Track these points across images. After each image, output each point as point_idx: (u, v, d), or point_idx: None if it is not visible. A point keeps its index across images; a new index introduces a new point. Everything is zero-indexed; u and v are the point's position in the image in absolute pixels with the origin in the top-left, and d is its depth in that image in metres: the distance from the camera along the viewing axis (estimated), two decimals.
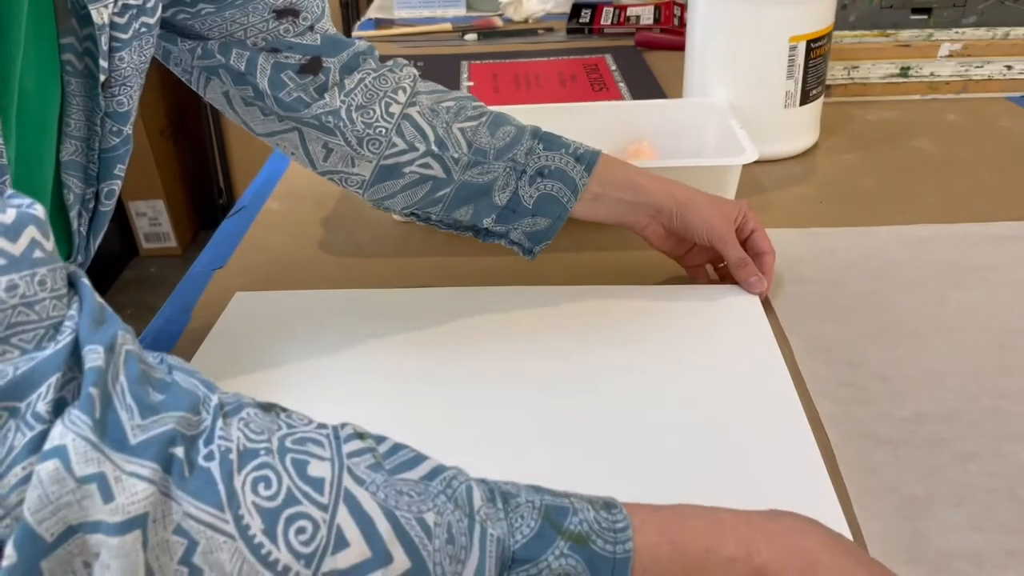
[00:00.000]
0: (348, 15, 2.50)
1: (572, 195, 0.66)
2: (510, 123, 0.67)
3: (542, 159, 0.66)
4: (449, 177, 0.66)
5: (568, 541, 0.36)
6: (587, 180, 0.66)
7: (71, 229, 0.52)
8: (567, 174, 0.66)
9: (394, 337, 0.67)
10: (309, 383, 0.62)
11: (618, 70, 1.24)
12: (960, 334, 0.65)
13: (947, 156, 0.94)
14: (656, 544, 0.37)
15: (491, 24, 1.48)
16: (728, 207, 0.69)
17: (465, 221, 0.68)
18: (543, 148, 0.66)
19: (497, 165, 0.66)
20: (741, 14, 0.89)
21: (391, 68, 0.67)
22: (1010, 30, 1.06)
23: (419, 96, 0.67)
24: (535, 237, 0.68)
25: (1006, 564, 0.47)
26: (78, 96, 0.48)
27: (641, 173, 0.68)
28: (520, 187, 0.66)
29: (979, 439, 0.55)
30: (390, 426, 0.58)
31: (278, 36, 0.62)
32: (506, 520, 0.36)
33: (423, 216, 0.69)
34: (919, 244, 0.76)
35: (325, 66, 0.63)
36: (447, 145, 0.65)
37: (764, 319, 0.66)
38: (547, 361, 0.63)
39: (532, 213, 0.66)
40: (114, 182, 0.53)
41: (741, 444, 0.55)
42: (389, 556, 0.34)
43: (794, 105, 0.92)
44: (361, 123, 0.64)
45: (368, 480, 0.35)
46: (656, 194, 0.67)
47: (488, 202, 0.66)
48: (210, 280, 0.77)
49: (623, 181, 0.67)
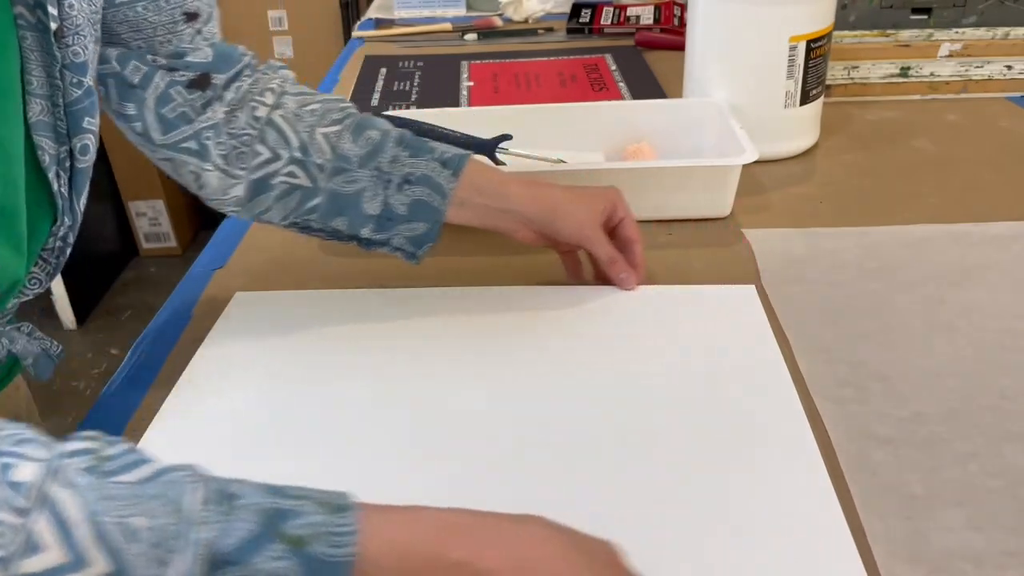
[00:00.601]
0: (348, 15, 2.49)
1: (442, 199, 0.65)
2: (375, 127, 0.66)
3: (407, 166, 0.65)
4: (316, 185, 0.65)
5: (285, 544, 0.36)
6: (455, 185, 0.65)
7: (52, 191, 0.52)
8: (434, 180, 0.65)
9: (394, 337, 0.67)
10: (309, 383, 0.62)
11: (618, 70, 1.24)
12: (960, 334, 0.65)
13: (947, 156, 0.94)
14: (381, 549, 0.38)
15: (491, 24, 1.48)
16: (597, 201, 0.69)
17: (344, 231, 0.67)
18: (408, 155, 0.65)
19: (362, 174, 0.65)
20: (741, 14, 0.89)
21: (264, 71, 0.67)
22: (1010, 30, 1.06)
23: (285, 99, 0.66)
24: (416, 241, 0.67)
25: (1006, 564, 0.47)
26: (35, 51, 0.49)
27: (509, 179, 0.68)
28: (389, 196, 0.65)
29: (979, 439, 0.55)
30: (390, 426, 0.58)
31: (180, 41, 0.62)
32: (224, 522, 0.36)
33: (304, 226, 0.68)
34: (919, 244, 0.76)
35: (213, 82, 0.63)
36: (310, 151, 0.65)
37: (764, 319, 0.66)
38: (547, 361, 0.63)
39: (408, 219, 0.66)
40: (86, 136, 0.53)
41: (741, 444, 0.55)
42: (86, 560, 0.34)
43: (794, 105, 0.92)
44: (226, 134, 0.64)
45: (78, 483, 0.36)
46: (522, 201, 0.66)
47: (360, 212, 0.65)
48: (210, 280, 0.77)
49: (489, 187, 0.66)
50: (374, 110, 1.11)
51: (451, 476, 0.53)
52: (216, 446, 0.57)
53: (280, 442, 0.57)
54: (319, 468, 0.54)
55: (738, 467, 0.53)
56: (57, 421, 2.03)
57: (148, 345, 0.69)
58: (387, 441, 0.56)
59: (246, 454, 0.56)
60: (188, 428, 0.58)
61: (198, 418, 0.59)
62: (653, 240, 0.79)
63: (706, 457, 0.54)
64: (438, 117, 0.88)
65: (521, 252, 0.78)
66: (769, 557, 0.47)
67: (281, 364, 0.64)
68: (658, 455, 0.54)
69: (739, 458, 0.54)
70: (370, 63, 1.33)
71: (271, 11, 2.53)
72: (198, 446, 0.57)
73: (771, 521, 0.49)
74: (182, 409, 0.60)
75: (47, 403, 2.12)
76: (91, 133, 0.54)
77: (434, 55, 1.36)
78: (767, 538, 0.48)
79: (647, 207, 0.81)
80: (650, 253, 0.76)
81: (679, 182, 0.80)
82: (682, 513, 0.50)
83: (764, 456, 0.54)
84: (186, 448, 0.57)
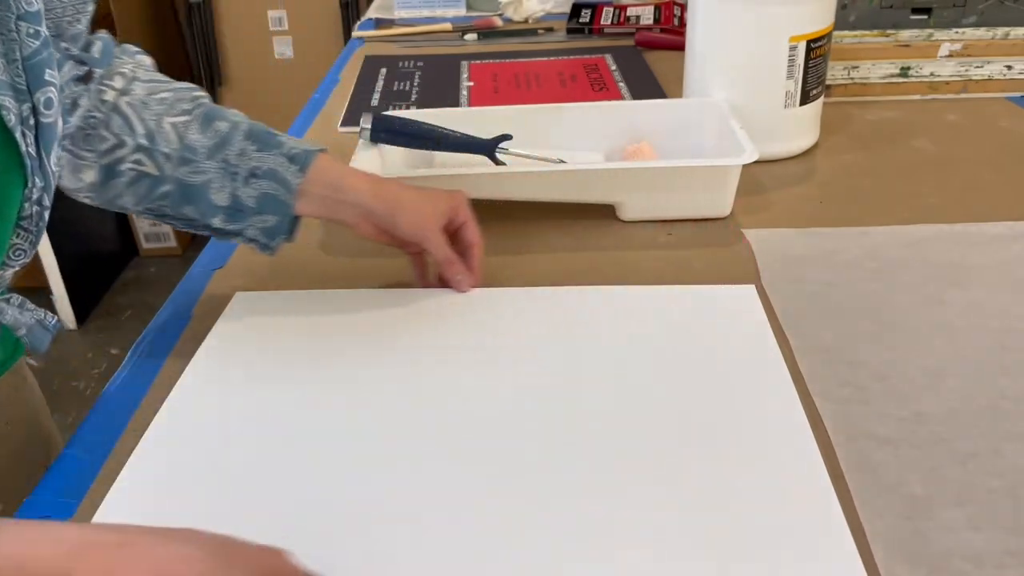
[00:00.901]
0: (348, 15, 2.50)
1: (288, 194, 0.65)
2: (225, 119, 0.66)
3: (254, 160, 0.65)
4: (163, 174, 0.65)
5: None
6: (301, 180, 0.65)
7: (20, 152, 0.52)
8: (280, 174, 0.65)
9: (394, 337, 0.67)
10: (309, 383, 0.62)
11: (618, 70, 1.24)
12: (960, 334, 0.65)
13: (947, 156, 0.94)
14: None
15: (491, 24, 1.48)
16: (439, 203, 0.69)
17: (197, 219, 0.67)
18: (256, 149, 0.65)
19: (209, 165, 0.65)
20: (741, 14, 0.89)
21: (118, 54, 0.66)
22: (1010, 30, 1.06)
23: (135, 85, 0.66)
24: (269, 233, 0.67)
25: (1006, 564, 0.47)
26: None
27: (355, 175, 0.68)
28: (236, 188, 0.65)
29: (979, 439, 0.55)
30: (390, 425, 0.58)
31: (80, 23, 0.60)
32: None
33: (159, 213, 0.68)
34: (919, 244, 0.76)
35: (94, 77, 0.63)
36: (156, 139, 0.64)
37: (764, 319, 0.66)
38: (547, 361, 0.63)
39: (257, 211, 0.66)
40: (48, 89, 0.53)
41: (741, 444, 0.55)
42: None
43: (794, 105, 0.92)
44: (77, 117, 0.63)
45: None
46: (363, 194, 0.67)
47: (208, 203, 0.66)
48: (210, 280, 0.77)
49: (334, 182, 0.67)
50: (374, 110, 1.11)
51: (451, 475, 0.53)
52: (216, 446, 0.57)
53: (280, 442, 0.57)
54: (319, 468, 0.54)
55: (738, 467, 0.53)
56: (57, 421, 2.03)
57: (148, 345, 0.69)
58: (387, 441, 0.56)
59: (246, 454, 0.56)
60: (188, 428, 0.58)
61: (198, 418, 0.59)
62: (653, 240, 0.79)
63: (706, 457, 0.54)
64: (438, 117, 0.88)
65: (521, 252, 0.78)
66: (769, 557, 0.47)
67: (281, 364, 0.64)
68: (658, 455, 0.54)
69: (739, 458, 0.54)
70: (370, 63, 1.33)
71: (271, 11, 2.53)
72: (198, 446, 0.57)
73: (771, 521, 0.49)
74: (182, 409, 0.60)
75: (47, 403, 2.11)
76: (52, 86, 0.53)
77: (434, 55, 1.36)
78: (767, 538, 0.48)
79: (647, 207, 0.81)
80: (650, 253, 0.76)
81: (679, 182, 0.80)
82: (682, 513, 0.50)
83: (764, 456, 0.54)
84: (186, 448, 0.57)
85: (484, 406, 0.59)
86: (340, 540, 0.49)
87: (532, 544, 0.48)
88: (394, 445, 0.56)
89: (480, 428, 0.57)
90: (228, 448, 0.56)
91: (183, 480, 0.54)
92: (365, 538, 0.49)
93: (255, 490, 0.53)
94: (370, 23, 1.56)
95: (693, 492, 0.51)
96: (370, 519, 0.50)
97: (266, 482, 0.53)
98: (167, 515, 0.52)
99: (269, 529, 0.50)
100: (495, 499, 0.52)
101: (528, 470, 0.54)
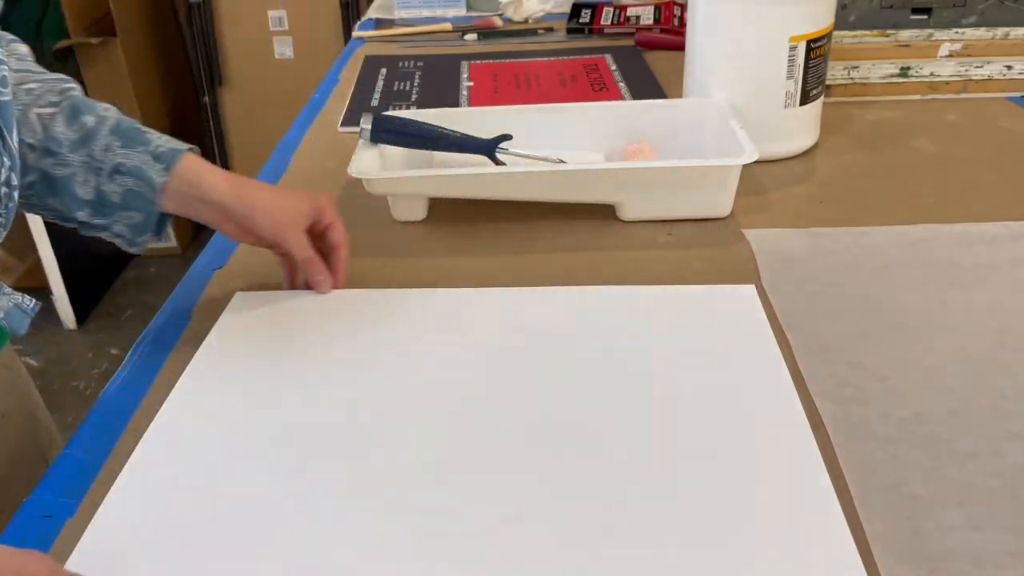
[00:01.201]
0: (348, 15, 2.49)
1: (152, 192, 0.65)
2: (93, 113, 0.66)
3: (119, 156, 0.65)
4: (27, 164, 0.64)
5: None
6: (166, 179, 0.65)
7: None
8: (144, 172, 0.65)
9: (394, 337, 0.67)
10: (309, 383, 0.62)
11: (618, 70, 1.24)
12: (960, 334, 0.65)
13: (947, 156, 0.94)
14: None
15: (491, 24, 1.48)
16: (301, 204, 0.70)
17: (63, 212, 0.67)
18: (120, 145, 0.65)
19: (73, 159, 0.64)
20: (741, 14, 0.89)
21: None
22: (1010, 30, 1.06)
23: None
24: (136, 230, 0.67)
25: (1006, 564, 0.47)
26: None
27: (219, 175, 0.68)
28: (101, 183, 0.65)
29: (978, 438, 0.55)
30: (390, 425, 0.58)
31: None
32: None
33: (27, 204, 0.67)
34: (919, 244, 0.76)
35: None
36: (21, 130, 0.63)
37: (764, 319, 0.66)
38: (546, 361, 0.63)
39: (123, 208, 0.66)
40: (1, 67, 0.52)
41: (741, 444, 0.55)
42: None
43: (794, 105, 0.92)
44: None
45: None
46: (223, 194, 0.67)
47: (73, 196, 0.65)
48: (210, 280, 0.77)
49: (197, 181, 0.67)
50: (374, 110, 1.11)
51: (450, 475, 0.53)
52: (216, 446, 0.57)
53: (280, 442, 0.57)
54: (318, 468, 0.54)
55: (738, 467, 0.53)
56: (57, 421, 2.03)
57: (148, 345, 0.69)
58: (387, 441, 0.56)
59: (246, 454, 0.56)
60: (188, 428, 0.58)
61: (198, 418, 0.59)
62: (653, 240, 0.79)
63: (705, 457, 0.54)
64: (438, 117, 0.88)
65: (521, 252, 0.78)
66: (769, 557, 0.47)
67: (281, 364, 0.64)
68: (657, 454, 0.54)
69: (739, 458, 0.54)
70: (370, 63, 1.34)
71: (271, 11, 2.53)
72: (198, 446, 0.57)
73: (771, 521, 0.49)
74: (182, 409, 0.60)
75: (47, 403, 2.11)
76: (3, 64, 0.52)
77: (434, 55, 1.36)
78: (767, 538, 0.48)
79: (647, 207, 0.81)
80: (650, 253, 0.76)
81: (679, 182, 0.80)
82: (682, 513, 0.50)
83: (764, 456, 0.54)
84: (186, 448, 0.57)
85: (484, 406, 0.59)
86: (340, 540, 0.49)
87: (531, 544, 0.48)
88: (394, 444, 0.56)
89: (480, 428, 0.57)
90: (228, 448, 0.56)
91: (183, 480, 0.54)
92: (365, 538, 0.49)
93: (255, 490, 0.53)
94: (370, 23, 1.56)
95: (693, 492, 0.51)
96: (370, 518, 0.50)
97: (266, 482, 0.53)
98: (167, 515, 0.52)
99: (269, 529, 0.50)
100: (494, 500, 0.52)
101: (527, 470, 0.54)
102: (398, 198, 0.84)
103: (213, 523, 0.51)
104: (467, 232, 0.83)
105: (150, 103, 2.47)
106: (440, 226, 0.84)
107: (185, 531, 0.50)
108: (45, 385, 2.17)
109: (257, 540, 0.50)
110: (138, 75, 2.43)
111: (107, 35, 2.36)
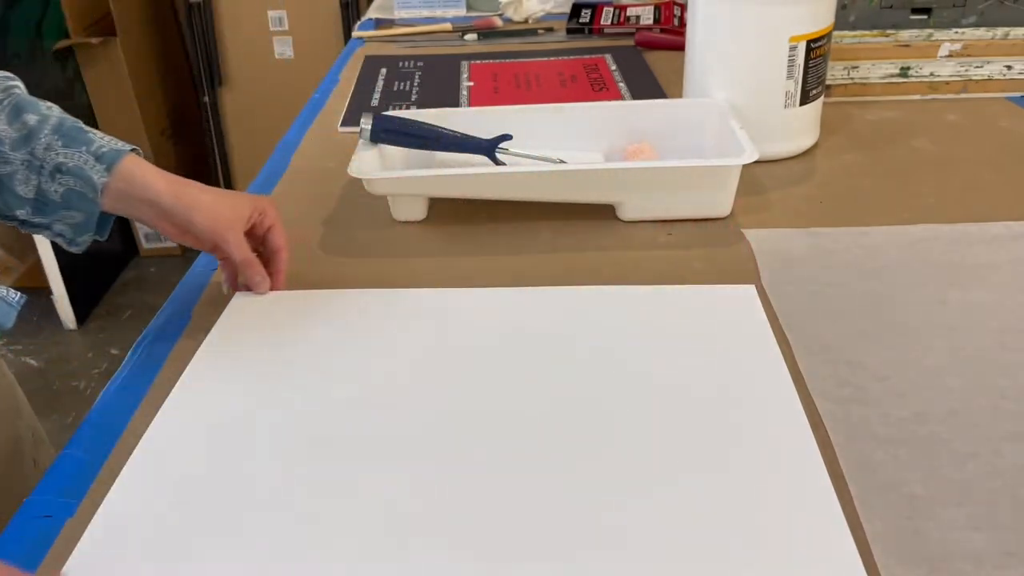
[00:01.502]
0: (348, 15, 2.49)
1: (94, 192, 0.65)
2: (36, 111, 0.66)
3: (60, 156, 0.65)
4: None
5: None
6: (107, 179, 0.65)
7: None
8: (85, 173, 0.65)
9: (394, 337, 0.67)
10: (309, 383, 0.62)
11: (618, 70, 1.24)
12: (960, 334, 0.65)
13: (947, 156, 0.94)
14: None
15: (491, 24, 1.48)
16: (240, 205, 0.69)
17: (4, 210, 0.67)
18: (62, 145, 0.65)
19: (14, 157, 0.64)
20: (741, 14, 0.89)
21: None
22: (1010, 30, 1.06)
23: None
24: (77, 229, 0.67)
25: (1006, 564, 0.47)
26: None
27: (154, 173, 0.68)
28: (42, 182, 0.65)
29: (978, 439, 0.55)
30: (390, 424, 0.58)
31: None
32: None
33: None
34: (919, 244, 0.76)
35: None
36: None
37: (764, 319, 0.66)
38: (546, 361, 0.63)
39: (64, 207, 0.66)
40: None
41: (741, 444, 0.55)
42: None
43: (794, 105, 0.92)
44: None
45: None
46: (161, 194, 0.67)
47: (13, 194, 0.65)
48: (210, 280, 0.77)
49: (137, 180, 0.67)
50: (374, 110, 1.11)
51: (450, 475, 0.53)
52: (216, 446, 0.57)
53: (280, 442, 0.57)
54: (318, 468, 0.54)
55: (738, 467, 0.53)
56: (57, 421, 2.03)
57: (148, 345, 0.69)
58: (387, 440, 0.56)
59: (246, 454, 0.56)
60: (188, 428, 0.58)
61: (198, 418, 0.59)
62: (653, 240, 0.79)
63: (705, 457, 0.54)
64: (438, 117, 0.88)
65: (521, 252, 0.78)
66: (769, 557, 0.47)
67: (281, 364, 0.64)
68: (657, 455, 0.54)
69: (739, 458, 0.54)
70: (370, 63, 1.34)
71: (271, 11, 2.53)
72: (198, 446, 0.57)
73: (771, 521, 0.49)
74: (183, 408, 0.60)
75: (47, 403, 2.11)
76: None
77: (434, 55, 1.36)
78: (767, 538, 0.48)
79: (647, 207, 0.81)
80: (650, 253, 0.76)
81: (679, 182, 0.80)
82: (682, 513, 0.50)
83: (764, 456, 0.54)
84: (186, 447, 0.57)
85: (484, 407, 0.59)
86: (340, 539, 0.49)
87: (531, 544, 0.48)
88: (394, 444, 0.56)
89: (480, 429, 0.57)
90: (228, 448, 0.56)
91: (183, 480, 0.54)
92: (365, 537, 0.49)
93: (255, 490, 0.53)
94: (370, 23, 1.56)
95: (693, 492, 0.51)
96: (370, 518, 0.50)
97: (266, 482, 0.53)
98: (167, 515, 0.52)
99: (269, 529, 0.50)
100: (495, 500, 0.52)
101: (527, 470, 0.54)
102: (398, 198, 0.84)
103: (213, 523, 0.51)
104: (467, 232, 0.83)
105: (150, 103, 2.47)
106: (440, 226, 0.84)
107: (185, 531, 0.50)
108: (45, 385, 2.17)
109: (257, 540, 0.50)
110: (138, 75, 2.43)
111: (107, 35, 2.36)
